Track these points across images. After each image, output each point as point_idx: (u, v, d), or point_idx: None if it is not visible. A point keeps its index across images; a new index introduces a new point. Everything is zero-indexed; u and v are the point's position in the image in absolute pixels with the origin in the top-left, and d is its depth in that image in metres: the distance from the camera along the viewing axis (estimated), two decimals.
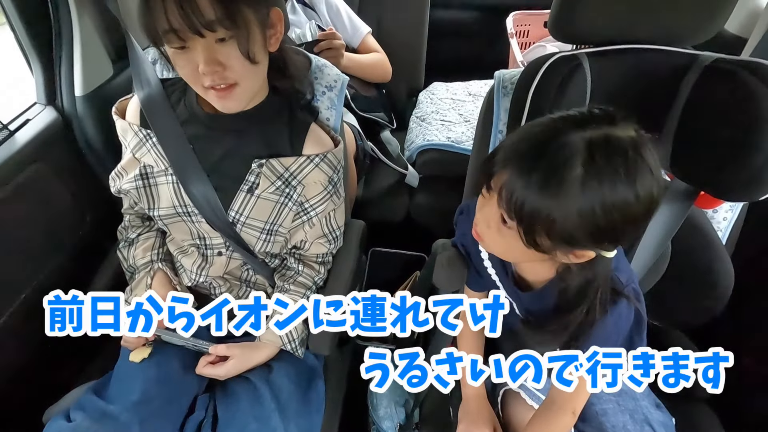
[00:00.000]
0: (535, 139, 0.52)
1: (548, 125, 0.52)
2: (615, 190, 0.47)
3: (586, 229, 0.49)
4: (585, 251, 0.53)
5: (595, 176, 0.47)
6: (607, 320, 0.60)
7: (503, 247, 0.59)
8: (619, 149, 0.48)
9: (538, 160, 0.49)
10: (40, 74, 0.95)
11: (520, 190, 0.50)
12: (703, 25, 0.68)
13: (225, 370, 0.77)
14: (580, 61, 0.69)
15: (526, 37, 1.73)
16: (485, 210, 0.57)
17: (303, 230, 0.85)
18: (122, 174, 0.81)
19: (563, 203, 0.48)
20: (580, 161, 0.47)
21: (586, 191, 0.47)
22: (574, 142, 0.48)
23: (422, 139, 1.38)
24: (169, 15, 0.60)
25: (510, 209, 0.51)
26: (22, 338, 0.87)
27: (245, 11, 0.64)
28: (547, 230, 0.50)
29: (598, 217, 0.48)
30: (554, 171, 0.48)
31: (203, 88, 0.69)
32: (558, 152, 0.48)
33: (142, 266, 0.85)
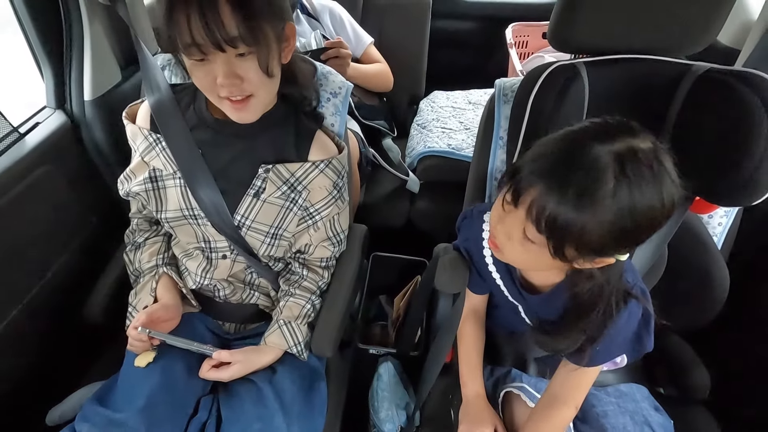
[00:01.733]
0: (562, 155, 0.53)
1: (572, 139, 0.54)
2: (643, 198, 0.49)
3: (615, 237, 0.51)
4: (607, 258, 0.55)
5: (627, 187, 0.49)
6: (619, 320, 0.62)
7: (524, 258, 0.60)
8: (645, 160, 0.50)
9: (570, 176, 0.50)
10: (51, 78, 0.97)
11: (554, 205, 0.51)
12: (696, 36, 0.70)
13: (229, 374, 0.78)
14: (578, 70, 0.71)
15: (525, 47, 1.76)
16: (507, 222, 0.57)
17: (308, 234, 0.86)
18: (131, 177, 0.82)
19: (597, 216, 0.49)
20: (612, 174, 0.49)
21: (618, 203, 0.49)
22: (603, 156, 0.49)
23: (423, 146, 1.40)
24: (193, 29, 0.61)
25: (540, 224, 0.52)
26: (27, 339, 0.88)
27: (266, 27, 0.65)
28: (577, 242, 0.52)
29: (627, 225, 0.50)
30: (587, 186, 0.49)
31: (218, 98, 0.70)
32: (589, 167, 0.50)
33: (148, 270, 0.85)
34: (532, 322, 0.76)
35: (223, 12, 0.61)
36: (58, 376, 0.88)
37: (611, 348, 0.65)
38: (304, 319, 0.85)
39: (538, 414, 0.71)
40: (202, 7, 0.60)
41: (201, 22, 0.61)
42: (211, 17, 0.61)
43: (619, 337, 0.64)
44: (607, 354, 0.66)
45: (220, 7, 0.61)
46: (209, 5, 0.61)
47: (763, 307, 0.89)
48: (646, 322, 0.65)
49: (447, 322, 0.86)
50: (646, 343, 0.66)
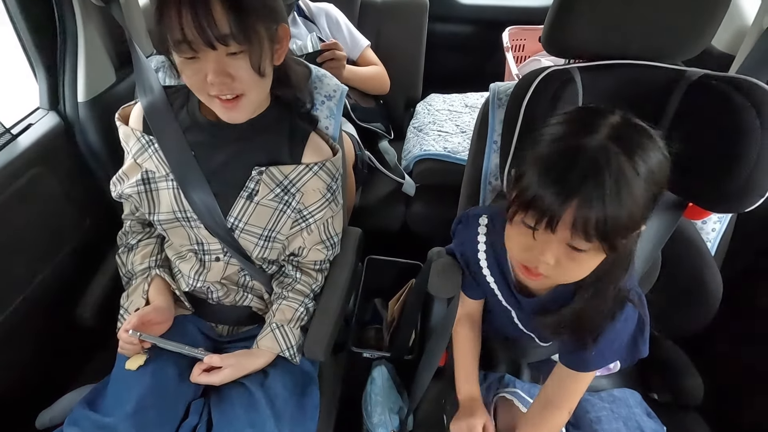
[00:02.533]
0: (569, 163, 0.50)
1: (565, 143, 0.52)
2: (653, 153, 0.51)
3: (648, 203, 0.52)
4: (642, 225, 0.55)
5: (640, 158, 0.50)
6: (616, 324, 0.61)
7: (577, 272, 0.57)
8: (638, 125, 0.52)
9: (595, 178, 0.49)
10: (44, 79, 0.96)
11: (598, 211, 0.49)
12: (690, 41, 0.71)
13: (220, 378, 0.77)
14: (571, 75, 0.71)
15: (521, 51, 1.76)
16: (552, 248, 0.53)
17: (301, 237, 0.86)
18: (123, 179, 0.82)
19: (635, 197, 0.50)
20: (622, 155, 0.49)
21: (642, 173, 0.50)
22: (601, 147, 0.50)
23: (419, 149, 1.40)
24: (184, 26, 0.61)
25: (590, 234, 0.50)
26: (17, 341, 0.87)
27: (258, 27, 0.65)
28: (625, 231, 0.52)
29: (651, 186, 0.51)
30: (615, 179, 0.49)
31: (208, 97, 0.70)
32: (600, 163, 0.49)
33: (140, 272, 0.85)
34: (529, 331, 0.75)
35: (215, 9, 0.61)
36: (48, 378, 0.88)
37: (606, 353, 0.64)
38: (296, 323, 0.84)
39: (531, 418, 0.71)
40: (193, 3, 0.60)
41: (192, 18, 0.61)
42: (202, 14, 0.60)
43: (615, 342, 0.63)
44: (602, 359, 0.65)
45: (212, 4, 0.61)
46: (201, 2, 0.60)
47: (756, 313, 0.89)
48: (641, 327, 0.64)
49: (440, 326, 0.86)
50: (641, 349, 0.65)
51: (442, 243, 0.89)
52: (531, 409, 0.73)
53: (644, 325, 0.65)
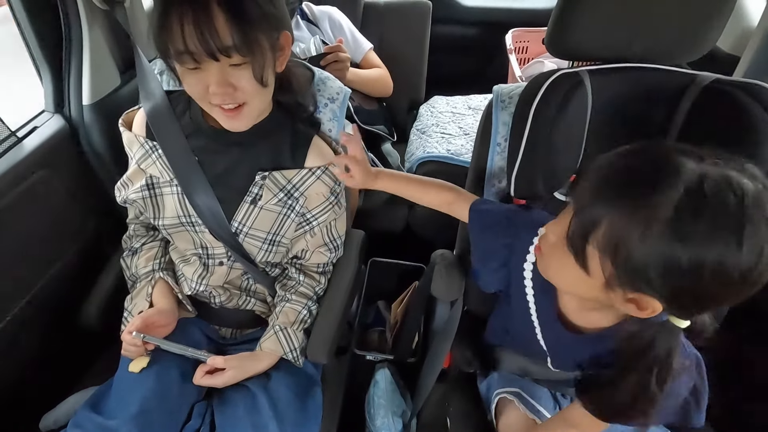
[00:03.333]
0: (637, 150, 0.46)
1: (658, 145, 0.46)
2: (714, 235, 0.40)
3: (662, 271, 0.42)
4: (652, 301, 0.46)
5: (695, 209, 0.40)
6: (672, 391, 0.53)
7: (557, 265, 0.54)
8: (738, 192, 0.40)
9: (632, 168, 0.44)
10: (49, 82, 0.97)
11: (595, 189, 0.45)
12: (695, 42, 0.70)
13: (223, 381, 0.77)
14: (581, 78, 0.71)
15: (524, 53, 1.76)
16: (560, 222, 0.51)
17: (304, 239, 0.86)
18: (128, 184, 0.82)
19: (642, 223, 0.41)
20: (684, 186, 0.40)
21: (676, 222, 0.40)
22: (685, 167, 0.41)
23: (422, 151, 1.40)
24: (187, 37, 0.61)
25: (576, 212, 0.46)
26: (22, 343, 0.88)
27: (260, 38, 0.65)
28: (613, 251, 0.44)
29: (681, 262, 0.40)
30: (646, 183, 0.42)
31: (210, 105, 0.70)
32: (660, 168, 0.42)
33: (144, 275, 0.85)
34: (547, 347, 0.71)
35: (218, 21, 0.61)
36: (53, 380, 0.88)
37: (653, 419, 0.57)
38: (300, 325, 0.84)
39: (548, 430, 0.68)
40: (196, 15, 0.60)
41: (195, 30, 0.60)
42: (205, 26, 0.60)
43: (666, 410, 0.55)
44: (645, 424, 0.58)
45: (215, 15, 0.61)
46: (203, 13, 0.60)
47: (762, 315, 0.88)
48: (697, 396, 0.58)
49: (444, 329, 0.86)
50: (694, 418, 0.59)
51: (445, 245, 0.89)
52: (550, 422, 0.69)
53: (701, 393, 0.58)
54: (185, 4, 0.60)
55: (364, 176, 0.78)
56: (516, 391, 0.77)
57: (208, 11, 0.60)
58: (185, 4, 0.60)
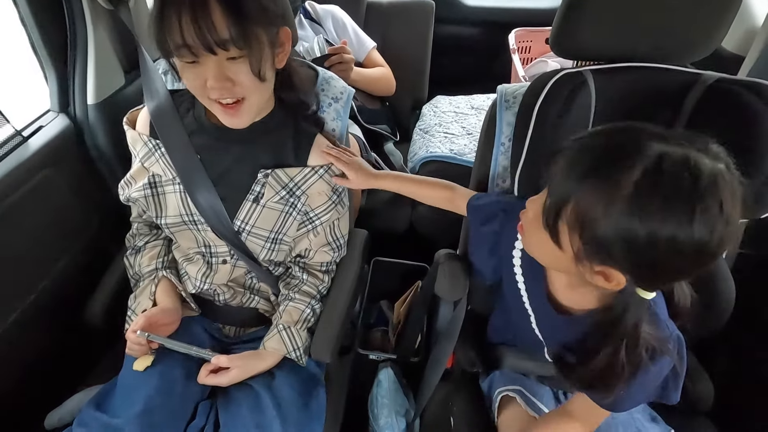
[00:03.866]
0: (606, 132, 0.48)
1: (626, 126, 0.48)
2: (669, 212, 0.42)
3: (623, 244, 0.44)
4: (617, 273, 0.48)
5: (652, 187, 0.42)
6: (651, 370, 0.56)
7: (535, 240, 0.56)
8: (694, 172, 0.42)
9: (599, 148, 0.46)
10: (54, 82, 0.97)
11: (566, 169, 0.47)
12: (700, 42, 0.70)
13: (228, 379, 0.77)
14: (584, 78, 0.71)
15: (527, 52, 1.76)
16: (538, 200, 0.54)
17: (307, 239, 0.86)
18: (131, 183, 0.83)
19: (605, 199, 0.44)
20: (643, 165, 0.43)
21: (635, 199, 0.43)
22: (648, 147, 0.44)
23: (425, 150, 1.40)
24: (184, 31, 0.61)
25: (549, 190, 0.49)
26: (27, 342, 0.88)
27: (258, 32, 0.65)
28: (581, 226, 0.47)
29: (639, 236, 0.43)
30: (609, 162, 0.44)
31: (209, 100, 0.70)
32: (624, 148, 0.44)
33: (147, 274, 0.85)
34: (543, 337, 0.73)
35: (215, 14, 0.61)
36: (57, 379, 0.88)
37: (637, 396, 0.61)
38: (303, 324, 0.84)
39: (549, 424, 0.69)
40: (193, 8, 0.60)
41: (192, 23, 0.61)
42: (202, 19, 0.60)
43: (648, 387, 0.59)
44: (632, 401, 0.61)
45: (212, 9, 0.61)
46: (200, 7, 0.60)
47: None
48: (675, 375, 0.60)
49: (447, 329, 0.86)
50: (671, 396, 0.62)
51: (449, 245, 0.89)
52: (548, 415, 0.71)
53: (679, 372, 0.61)
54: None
55: (361, 178, 0.82)
56: (518, 389, 0.77)
57: (205, 4, 0.61)
58: None
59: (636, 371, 0.54)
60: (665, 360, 0.57)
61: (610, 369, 0.54)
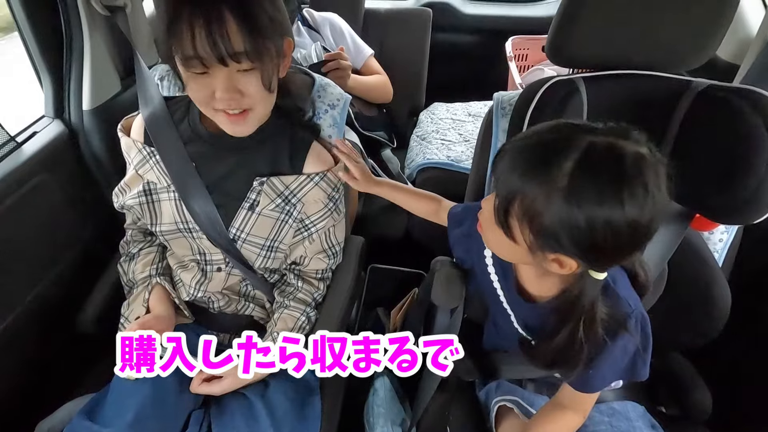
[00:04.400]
0: (542, 131, 0.52)
1: (558, 123, 0.53)
2: (600, 196, 0.46)
3: (566, 231, 0.48)
4: (568, 259, 0.52)
5: (584, 175, 0.46)
6: (615, 348, 0.59)
7: (492, 237, 0.59)
8: (618, 157, 0.46)
9: (537, 146, 0.50)
10: (49, 87, 0.97)
11: (509, 169, 0.51)
12: (695, 51, 0.70)
13: (221, 388, 0.76)
14: (576, 85, 0.71)
15: (524, 60, 1.77)
16: (490, 199, 0.57)
17: (303, 246, 0.85)
18: (125, 190, 0.82)
19: (546, 192, 0.48)
20: (575, 156, 0.47)
21: (571, 188, 0.47)
22: (578, 140, 0.48)
23: (422, 157, 1.40)
24: (197, 42, 0.61)
25: (497, 190, 0.53)
26: (18, 349, 0.87)
27: (269, 44, 0.65)
28: (529, 219, 0.50)
29: (579, 222, 0.47)
30: (547, 158, 0.48)
31: (213, 111, 0.70)
32: (558, 143, 0.48)
33: (141, 281, 0.85)
34: (527, 335, 0.74)
35: (230, 27, 0.61)
36: (49, 387, 0.87)
37: (608, 375, 0.63)
38: (298, 332, 0.84)
39: (543, 417, 0.71)
40: (208, 21, 0.60)
41: (206, 35, 0.60)
42: (217, 31, 0.60)
43: (615, 364, 0.62)
44: (602, 380, 0.63)
45: (227, 21, 0.61)
46: (216, 19, 0.60)
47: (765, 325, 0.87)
48: (643, 350, 0.63)
49: None
50: (640, 372, 0.64)
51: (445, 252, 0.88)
52: (543, 409, 0.72)
53: (646, 347, 0.63)
54: (196, 9, 0.60)
55: (364, 181, 0.84)
56: (515, 399, 0.77)
57: (220, 17, 0.60)
58: (196, 8, 0.60)
59: (597, 349, 0.58)
60: (626, 337, 0.59)
61: (570, 346, 0.58)
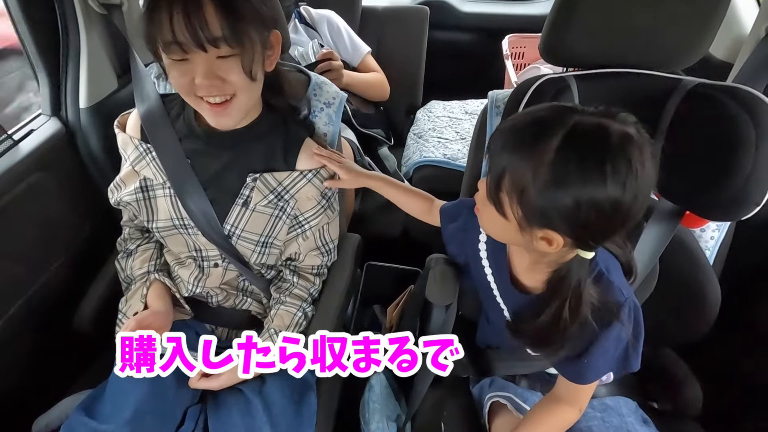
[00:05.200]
0: (531, 113, 0.54)
1: (551, 105, 0.54)
2: (584, 171, 0.47)
3: (553, 205, 0.49)
4: (556, 236, 0.53)
5: (569, 150, 0.47)
6: (607, 339, 0.60)
7: (486, 217, 0.60)
8: (603, 135, 0.47)
9: (527, 125, 0.52)
10: (46, 85, 0.97)
11: (500, 145, 0.52)
12: (687, 50, 0.71)
13: (219, 383, 0.77)
14: (567, 83, 0.72)
15: (521, 58, 1.78)
16: (485, 180, 0.58)
17: (297, 242, 0.86)
18: (121, 186, 0.82)
19: (533, 167, 0.49)
20: (561, 133, 0.48)
21: (556, 163, 0.48)
22: (567, 119, 0.49)
23: (419, 155, 1.40)
24: (175, 27, 0.61)
25: (489, 166, 0.54)
26: (16, 345, 0.87)
27: (250, 31, 0.65)
28: (518, 194, 0.51)
29: (565, 196, 0.48)
30: (535, 135, 0.50)
31: (196, 99, 0.70)
32: (547, 121, 0.50)
33: (139, 277, 0.85)
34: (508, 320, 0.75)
35: (207, 11, 0.61)
36: (46, 383, 0.88)
37: (599, 365, 0.63)
38: (295, 328, 0.84)
39: (539, 410, 0.71)
40: (185, 5, 0.60)
41: (184, 20, 0.61)
42: (194, 16, 0.61)
43: (607, 354, 0.62)
44: (596, 371, 0.64)
45: (204, 6, 0.61)
46: (194, 4, 0.61)
47: (756, 322, 0.88)
48: (635, 340, 0.63)
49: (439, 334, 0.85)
50: (632, 363, 0.65)
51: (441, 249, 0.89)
52: (540, 403, 0.72)
53: (638, 338, 0.64)
54: None
55: (352, 177, 0.83)
56: (508, 395, 0.78)
57: (198, 2, 0.61)
58: None
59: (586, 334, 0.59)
60: (618, 326, 0.60)
61: (555, 325, 0.58)
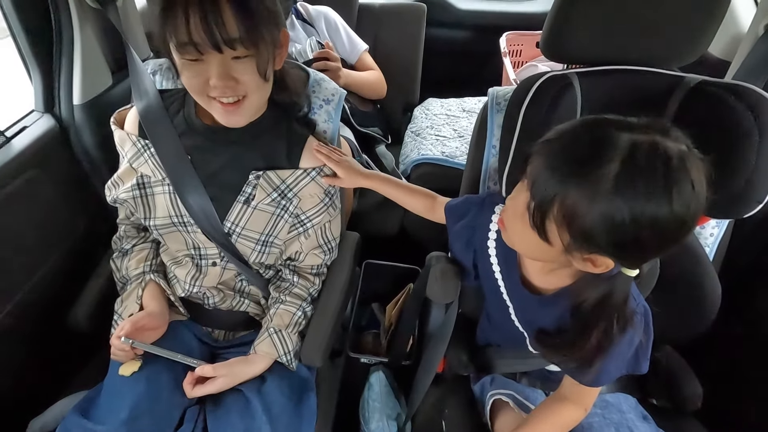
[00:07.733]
0: (577, 130, 0.51)
1: (593, 121, 0.51)
2: (649, 197, 0.45)
3: (610, 232, 0.47)
4: (604, 259, 0.51)
5: (631, 177, 0.45)
6: (623, 341, 0.60)
7: (519, 237, 0.58)
8: (664, 157, 0.46)
9: (574, 148, 0.49)
10: (39, 82, 0.95)
11: (546, 171, 0.49)
12: (687, 48, 0.71)
13: (215, 387, 0.76)
14: (570, 81, 0.71)
15: (519, 56, 1.78)
16: (517, 197, 0.56)
17: (298, 241, 0.85)
18: (118, 183, 0.81)
19: (589, 195, 0.47)
20: (620, 158, 0.46)
21: (617, 190, 0.45)
22: (619, 139, 0.46)
23: (417, 153, 1.40)
24: (191, 27, 0.61)
25: (532, 190, 0.51)
26: (10, 346, 0.86)
27: (264, 32, 0.65)
28: (568, 222, 0.49)
29: (625, 223, 0.46)
30: (588, 160, 0.47)
31: (208, 100, 0.69)
32: (598, 144, 0.47)
33: (134, 277, 0.84)
34: (523, 328, 0.74)
35: (225, 13, 0.61)
36: (40, 385, 0.86)
37: (612, 369, 0.63)
38: (294, 328, 0.84)
39: (544, 409, 0.71)
40: (203, 6, 0.60)
41: (201, 21, 0.60)
42: (212, 17, 0.60)
43: (621, 358, 0.62)
44: (608, 374, 0.64)
45: (222, 7, 0.61)
46: (211, 5, 0.60)
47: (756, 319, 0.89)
48: (645, 344, 0.63)
49: (439, 332, 0.85)
50: (642, 365, 0.65)
51: (440, 247, 0.88)
52: (545, 401, 0.72)
53: (648, 341, 0.63)
54: None
55: (351, 176, 0.83)
56: (510, 393, 0.77)
57: (215, 2, 0.60)
58: None
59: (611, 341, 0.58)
60: (632, 331, 0.60)
61: (601, 345, 0.58)
